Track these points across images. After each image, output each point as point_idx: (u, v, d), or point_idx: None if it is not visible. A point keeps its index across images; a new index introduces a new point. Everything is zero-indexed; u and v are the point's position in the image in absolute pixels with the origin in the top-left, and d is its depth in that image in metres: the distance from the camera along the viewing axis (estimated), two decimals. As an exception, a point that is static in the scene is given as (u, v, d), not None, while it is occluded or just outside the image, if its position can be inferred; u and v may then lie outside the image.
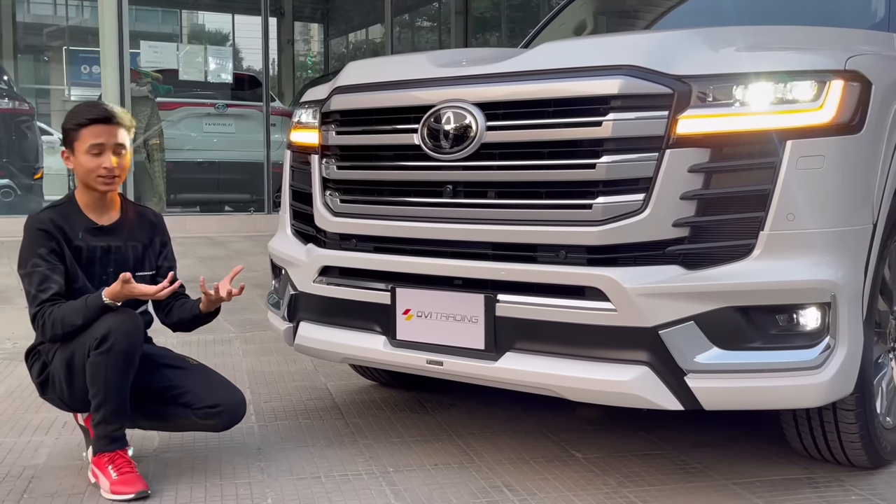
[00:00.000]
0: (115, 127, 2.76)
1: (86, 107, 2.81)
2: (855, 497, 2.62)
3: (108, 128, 2.75)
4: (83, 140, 2.74)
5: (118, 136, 2.77)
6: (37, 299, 2.67)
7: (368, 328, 2.89)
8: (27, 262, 2.70)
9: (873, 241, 2.52)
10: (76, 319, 2.62)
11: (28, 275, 2.70)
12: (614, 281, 2.41)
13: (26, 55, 17.73)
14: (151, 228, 2.94)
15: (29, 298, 2.70)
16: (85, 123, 2.74)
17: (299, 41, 23.38)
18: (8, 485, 2.72)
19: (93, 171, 2.74)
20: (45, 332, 2.67)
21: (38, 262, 2.68)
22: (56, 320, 2.63)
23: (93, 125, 2.74)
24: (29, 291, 2.70)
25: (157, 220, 2.99)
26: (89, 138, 2.74)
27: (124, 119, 2.80)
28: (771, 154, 2.36)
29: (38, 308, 2.67)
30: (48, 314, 2.64)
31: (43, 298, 2.66)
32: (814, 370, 2.36)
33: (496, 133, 2.62)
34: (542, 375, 2.55)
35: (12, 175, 11.30)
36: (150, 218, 2.97)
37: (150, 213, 3.01)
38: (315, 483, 2.75)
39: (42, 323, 2.66)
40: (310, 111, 3.22)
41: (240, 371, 4.11)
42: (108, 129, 2.75)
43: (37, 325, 2.69)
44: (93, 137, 2.74)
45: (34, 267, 2.68)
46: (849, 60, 2.45)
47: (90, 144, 2.73)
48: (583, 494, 2.65)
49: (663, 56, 2.47)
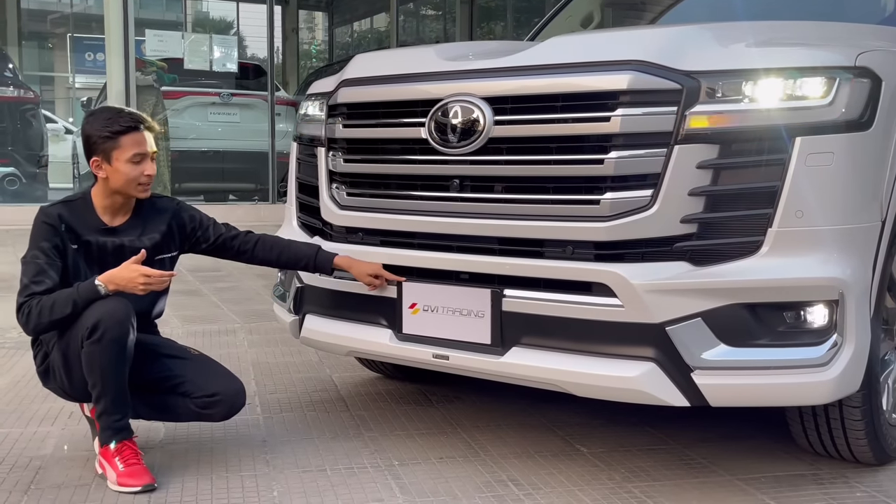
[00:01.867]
0: (149, 133, 2.77)
1: (115, 114, 2.76)
2: (860, 494, 2.62)
3: (146, 135, 2.75)
4: (125, 149, 2.71)
5: (152, 143, 2.78)
6: (27, 289, 2.63)
7: (374, 322, 2.89)
8: (28, 252, 2.69)
9: (882, 237, 2.51)
10: (65, 308, 2.58)
11: (26, 264, 2.68)
12: (622, 277, 2.41)
13: (30, 42, 17.73)
14: (166, 214, 2.89)
15: (20, 288, 2.66)
16: (123, 131, 2.71)
17: (304, 29, 23.35)
18: (15, 475, 2.73)
19: (135, 179, 2.72)
20: (28, 321, 2.61)
21: (38, 254, 2.67)
22: (44, 308, 2.58)
23: (131, 133, 2.72)
24: (22, 280, 2.66)
25: (170, 204, 2.94)
26: (132, 147, 2.71)
27: (154, 126, 2.81)
28: (780, 150, 2.35)
29: (26, 298, 2.62)
30: (35, 303, 2.60)
31: (34, 290, 2.62)
32: (821, 367, 2.36)
33: (504, 127, 2.61)
34: (549, 371, 2.55)
35: (17, 163, 11.33)
36: (163, 205, 2.92)
37: (162, 200, 2.95)
38: (321, 476, 2.75)
39: (28, 312, 2.60)
40: (316, 103, 3.22)
41: (245, 362, 4.12)
42: (145, 137, 2.75)
43: (21, 315, 2.63)
44: (135, 146, 2.71)
45: (33, 258, 2.67)
46: (859, 57, 2.43)
47: (134, 153, 2.71)
48: (588, 489, 2.65)
49: (672, 51, 2.46)
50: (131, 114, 2.79)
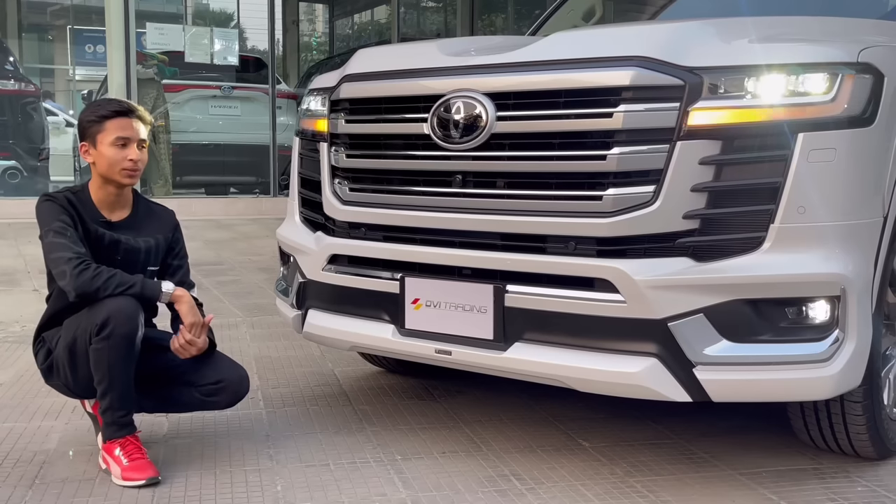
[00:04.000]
0: (137, 121, 2.79)
1: (106, 101, 2.83)
2: (861, 488, 2.63)
3: (132, 121, 2.78)
4: (108, 132, 2.75)
5: (141, 131, 2.79)
6: (72, 250, 2.63)
7: (377, 317, 2.90)
8: (49, 227, 2.68)
9: (884, 233, 2.51)
10: (122, 286, 2.60)
11: (57, 233, 2.66)
12: (624, 273, 2.42)
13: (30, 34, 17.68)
14: (163, 226, 2.94)
15: (62, 248, 2.64)
16: (109, 115, 2.75)
17: (304, 21, 23.28)
18: (20, 470, 2.74)
19: (118, 163, 2.75)
20: (80, 278, 2.59)
21: (63, 225, 2.68)
22: (101, 275, 2.59)
23: (118, 118, 2.76)
24: (58, 244, 2.65)
25: (168, 218, 2.98)
26: (115, 130, 2.75)
27: (146, 116, 2.84)
28: (782, 146, 2.35)
29: (78, 256, 2.62)
30: (94, 267, 2.61)
31: (79, 251, 2.64)
32: (823, 363, 2.37)
33: (506, 123, 2.61)
34: (551, 366, 2.56)
35: (18, 156, 11.32)
36: (162, 215, 2.98)
37: (162, 210, 3.00)
38: (324, 470, 2.76)
39: (83, 270, 2.59)
40: (318, 98, 3.22)
41: (247, 356, 4.13)
42: (131, 123, 2.77)
43: (81, 268, 2.60)
44: (119, 130, 2.75)
45: (62, 229, 2.66)
46: (861, 53, 2.43)
47: (116, 136, 2.74)
48: (590, 484, 2.67)
49: (675, 47, 2.46)
50: (122, 102, 2.83)
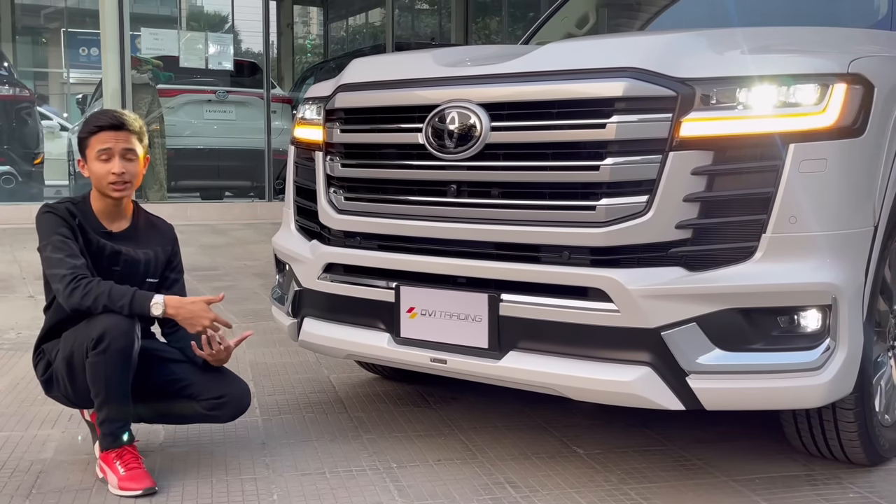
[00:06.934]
0: (123, 133, 2.79)
1: (97, 115, 2.85)
2: (853, 494, 2.66)
3: (117, 133, 2.78)
4: (92, 147, 2.79)
5: (127, 142, 2.80)
6: (67, 264, 2.66)
7: (373, 325, 2.91)
8: (48, 239, 2.71)
9: (874, 242, 2.54)
10: (115, 302, 2.61)
11: (55, 246, 2.69)
12: (617, 282, 2.43)
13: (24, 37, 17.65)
14: (162, 239, 2.97)
15: (55, 262, 2.68)
16: (94, 131, 2.79)
17: (299, 25, 23.27)
18: (17, 480, 2.75)
19: (103, 177, 2.77)
20: (73, 295, 2.62)
21: (62, 238, 2.71)
22: (92, 291, 2.61)
23: (101, 132, 2.78)
24: (55, 258, 2.68)
25: (167, 231, 3.01)
26: (97, 144, 2.78)
27: (134, 125, 2.83)
28: (774, 157, 2.38)
29: (72, 272, 2.64)
30: (86, 282, 2.63)
31: (75, 264, 2.67)
32: (814, 371, 2.39)
33: (500, 133, 2.63)
34: (545, 375, 2.58)
35: (13, 162, 11.30)
36: (162, 228, 3.00)
37: (162, 223, 3.03)
38: (320, 479, 2.78)
39: (75, 287, 2.62)
40: (314, 108, 3.23)
41: (243, 362, 4.14)
42: (115, 135, 2.78)
43: (67, 286, 2.63)
44: (100, 143, 2.78)
45: (61, 241, 2.69)
46: (852, 63, 2.46)
47: (98, 150, 2.77)
48: (584, 491, 2.68)
49: (667, 58, 2.48)
50: (114, 114, 2.84)
